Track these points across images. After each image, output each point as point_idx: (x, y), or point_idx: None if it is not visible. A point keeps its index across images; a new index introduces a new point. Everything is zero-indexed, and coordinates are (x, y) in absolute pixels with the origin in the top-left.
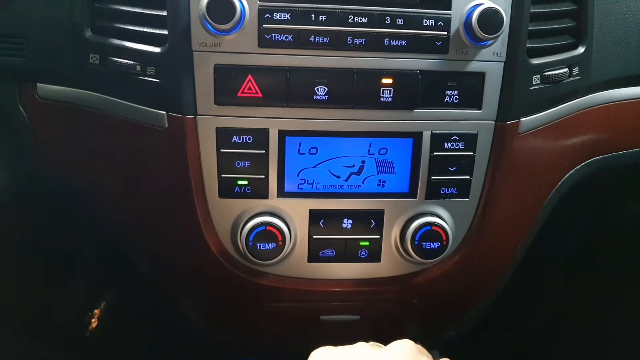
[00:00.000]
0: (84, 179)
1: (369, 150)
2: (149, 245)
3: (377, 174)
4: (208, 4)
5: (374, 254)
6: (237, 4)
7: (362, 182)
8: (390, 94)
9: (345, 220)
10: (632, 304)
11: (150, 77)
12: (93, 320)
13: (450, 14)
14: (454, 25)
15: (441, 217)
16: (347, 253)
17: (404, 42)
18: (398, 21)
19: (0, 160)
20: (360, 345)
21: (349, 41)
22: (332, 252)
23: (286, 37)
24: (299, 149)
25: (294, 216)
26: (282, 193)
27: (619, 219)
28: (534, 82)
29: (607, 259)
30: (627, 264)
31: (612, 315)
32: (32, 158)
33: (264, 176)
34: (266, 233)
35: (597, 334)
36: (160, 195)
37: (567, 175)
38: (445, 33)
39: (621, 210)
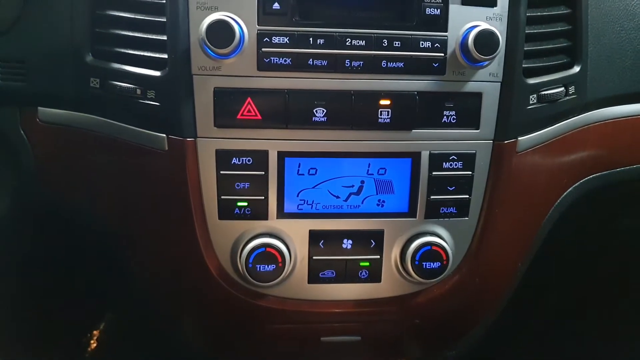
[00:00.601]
0: (84, 201)
1: (368, 170)
2: (149, 266)
3: (377, 194)
4: (207, 29)
5: (374, 274)
6: (237, 28)
7: (362, 202)
8: (388, 114)
9: (345, 241)
10: (634, 320)
11: (151, 101)
12: (92, 341)
13: (446, 36)
14: (450, 47)
15: (441, 236)
16: (347, 274)
17: (401, 64)
18: (395, 43)
19: (1, 183)
20: None
21: (347, 64)
22: (332, 272)
23: (285, 61)
24: (298, 170)
25: (293, 237)
26: (281, 214)
27: (618, 234)
28: (531, 102)
29: (608, 275)
30: (628, 279)
31: (615, 331)
32: (33, 180)
33: (263, 197)
34: (266, 254)
35: (599, 350)
36: (160, 217)
37: (566, 193)
38: (442, 54)
39: (621, 226)
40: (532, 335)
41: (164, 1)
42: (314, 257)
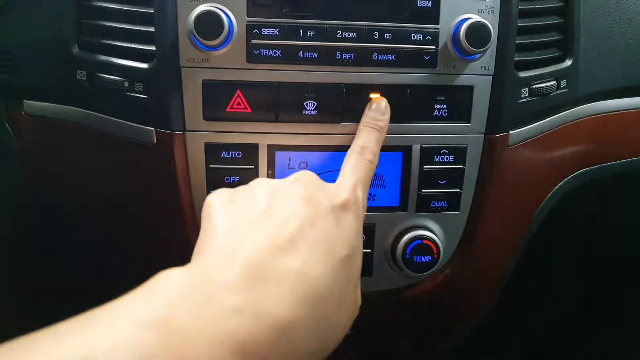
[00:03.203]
0: (71, 195)
1: None
2: (138, 261)
3: None
4: (196, 20)
5: (365, 268)
6: (225, 19)
7: None
8: None
9: None
10: (626, 314)
11: (138, 93)
12: None
13: (438, 29)
14: (442, 40)
15: (432, 230)
16: None
17: (392, 57)
18: (386, 36)
19: None
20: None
21: (338, 56)
22: None
23: (275, 53)
24: (288, 164)
25: None
26: None
27: (609, 229)
28: (523, 95)
29: (599, 270)
30: (618, 274)
31: (609, 326)
32: (19, 174)
33: None
34: None
35: (593, 346)
36: (149, 212)
37: (556, 187)
38: (434, 47)
39: (611, 221)
40: (525, 330)
41: None
42: None
